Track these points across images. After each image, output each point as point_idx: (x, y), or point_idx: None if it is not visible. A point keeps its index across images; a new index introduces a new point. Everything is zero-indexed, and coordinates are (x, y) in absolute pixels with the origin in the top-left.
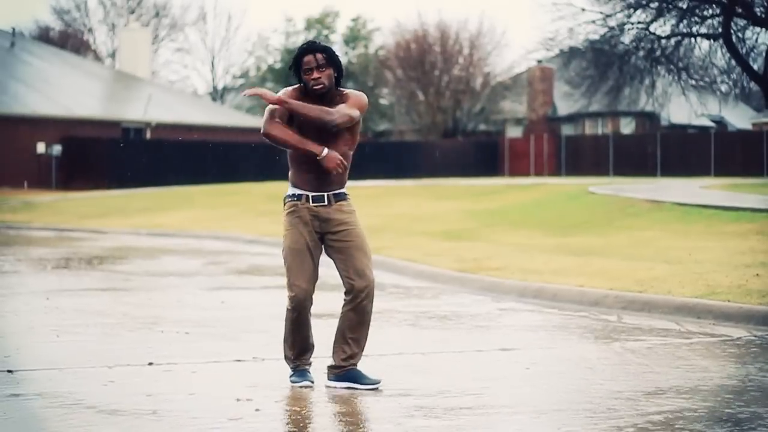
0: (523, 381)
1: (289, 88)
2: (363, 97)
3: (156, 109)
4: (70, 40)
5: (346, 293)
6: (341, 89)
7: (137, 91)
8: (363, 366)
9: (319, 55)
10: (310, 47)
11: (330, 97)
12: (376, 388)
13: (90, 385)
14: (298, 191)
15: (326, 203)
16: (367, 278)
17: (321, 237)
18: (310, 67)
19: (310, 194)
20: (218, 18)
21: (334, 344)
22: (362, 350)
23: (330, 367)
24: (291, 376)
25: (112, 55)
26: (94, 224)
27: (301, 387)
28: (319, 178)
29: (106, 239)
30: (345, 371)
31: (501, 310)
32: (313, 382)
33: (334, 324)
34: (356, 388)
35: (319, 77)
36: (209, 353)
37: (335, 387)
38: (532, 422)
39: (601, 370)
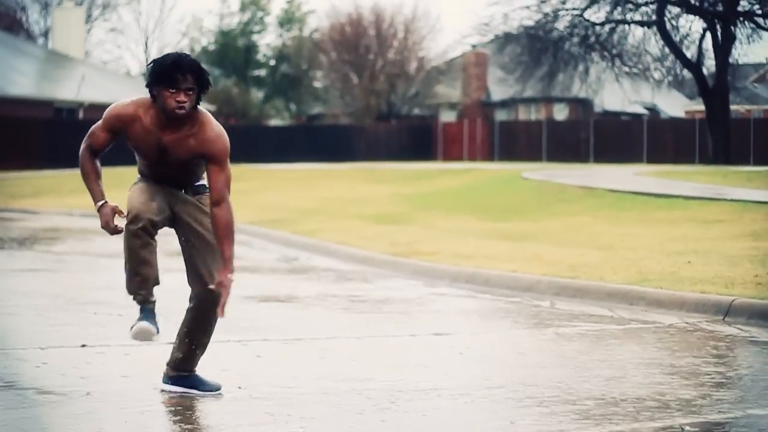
0: (457, 366)
1: (146, 101)
2: (226, 146)
3: (89, 90)
4: (2, 19)
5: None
6: (198, 110)
7: (70, 71)
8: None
9: (190, 77)
10: (181, 66)
11: (186, 119)
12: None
13: (23, 366)
14: None
15: (183, 191)
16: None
17: (173, 211)
18: (179, 89)
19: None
20: None
21: None
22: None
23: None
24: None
25: (45, 35)
26: (26, 204)
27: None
28: (168, 180)
29: (39, 220)
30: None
31: (434, 295)
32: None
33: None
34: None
35: (185, 102)
36: None
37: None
38: (466, 407)
39: (533, 356)
